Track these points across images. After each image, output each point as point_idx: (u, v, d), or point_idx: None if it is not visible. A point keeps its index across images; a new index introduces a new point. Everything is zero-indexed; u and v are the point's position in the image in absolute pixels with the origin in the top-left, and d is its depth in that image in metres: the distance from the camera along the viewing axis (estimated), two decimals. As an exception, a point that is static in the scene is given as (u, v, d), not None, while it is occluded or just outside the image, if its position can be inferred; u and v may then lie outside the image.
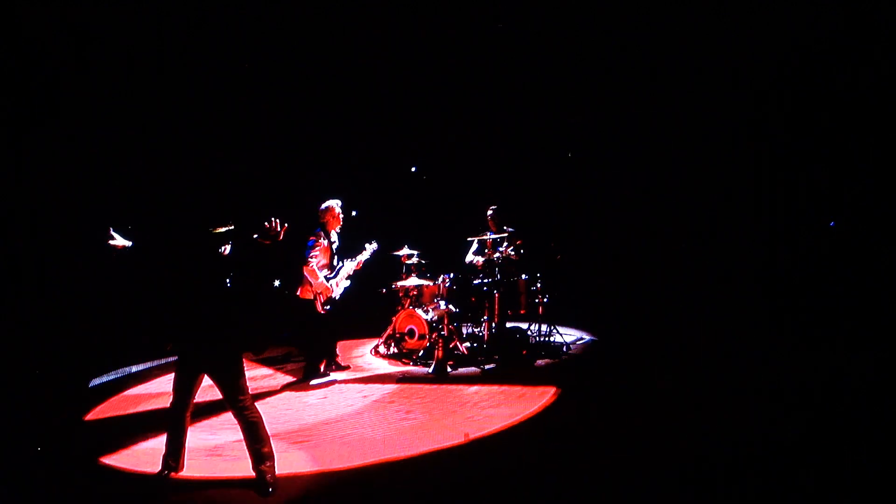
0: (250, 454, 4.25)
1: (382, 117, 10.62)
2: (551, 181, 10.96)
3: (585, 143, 10.93)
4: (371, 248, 7.57)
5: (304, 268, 7.10)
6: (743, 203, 10.19)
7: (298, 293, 7.28)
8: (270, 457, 4.26)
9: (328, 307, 7.13)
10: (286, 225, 4.31)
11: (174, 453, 4.40)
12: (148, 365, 8.53)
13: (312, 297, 7.11)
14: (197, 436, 5.29)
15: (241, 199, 9.17)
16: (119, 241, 4.41)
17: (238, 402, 4.22)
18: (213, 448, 5.12)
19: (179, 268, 4.30)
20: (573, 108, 10.44)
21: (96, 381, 7.88)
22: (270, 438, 4.32)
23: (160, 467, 4.43)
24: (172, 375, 4.41)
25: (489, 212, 8.22)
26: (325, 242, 7.16)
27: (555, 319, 8.18)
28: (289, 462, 4.67)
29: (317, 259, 7.07)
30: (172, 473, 4.39)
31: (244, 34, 8.66)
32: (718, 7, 8.42)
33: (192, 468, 4.53)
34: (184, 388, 4.33)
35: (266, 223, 4.26)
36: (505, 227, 8.03)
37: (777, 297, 9.45)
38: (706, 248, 10.22)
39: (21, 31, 7.70)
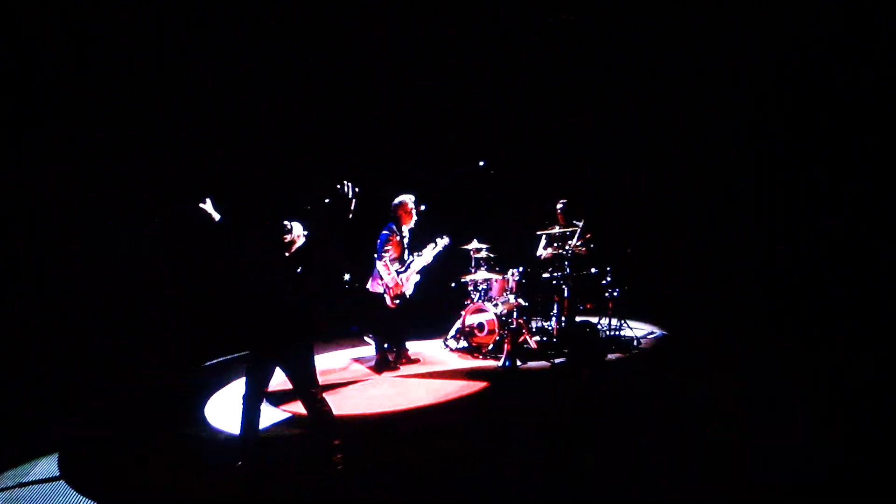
0: (321, 445, 4.24)
1: (451, 111, 10.55)
2: (621, 174, 10.87)
3: (651, 134, 10.84)
4: (441, 242, 7.58)
5: (378, 261, 7.15)
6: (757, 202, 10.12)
7: (369, 286, 7.32)
8: (341, 448, 4.24)
9: (398, 301, 7.17)
10: (357, 189, 4.24)
11: (249, 443, 4.34)
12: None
13: (382, 291, 7.15)
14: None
15: (311, 192, 9.19)
16: (209, 208, 4.38)
17: (309, 392, 4.21)
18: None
19: (257, 253, 4.29)
20: (580, 107, 10.41)
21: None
22: (340, 429, 4.31)
23: (237, 458, 4.34)
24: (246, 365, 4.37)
25: (559, 206, 8.19)
26: (397, 237, 7.21)
27: (625, 314, 8.15)
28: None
29: (388, 253, 7.13)
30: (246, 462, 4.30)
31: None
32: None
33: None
34: (257, 378, 4.30)
35: (338, 185, 4.20)
36: (574, 222, 7.99)
37: (780, 297, 9.43)
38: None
39: (21, 30, 7.68)
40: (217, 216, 4.40)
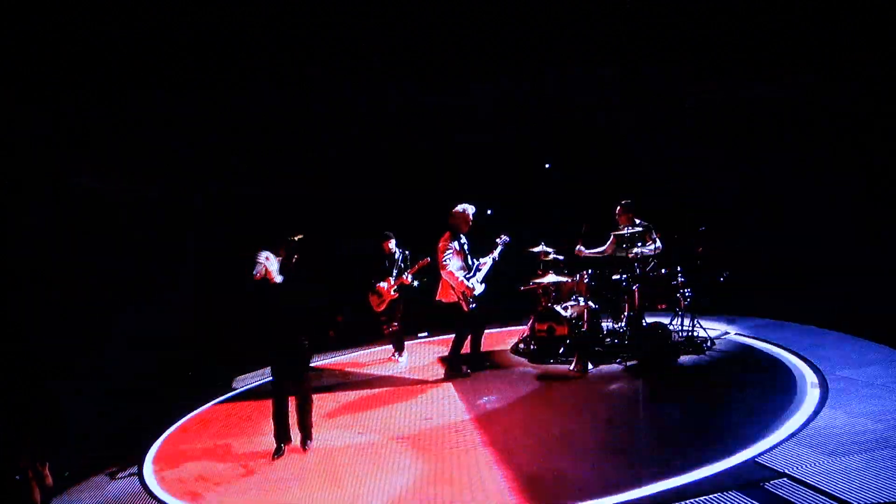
0: (299, 429, 5.76)
1: (515, 116, 10.55)
2: (687, 170, 10.53)
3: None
4: (502, 240, 7.65)
5: (442, 271, 7.31)
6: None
7: (439, 297, 7.46)
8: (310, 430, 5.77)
9: (473, 305, 7.31)
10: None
11: (284, 430, 5.78)
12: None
13: (456, 299, 7.29)
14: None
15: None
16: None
17: (302, 383, 5.77)
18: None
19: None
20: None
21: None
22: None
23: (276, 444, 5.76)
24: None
25: (619, 208, 7.99)
26: (456, 245, 7.35)
27: (697, 313, 7.90)
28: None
29: (451, 262, 7.30)
30: (286, 444, 5.77)
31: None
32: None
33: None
34: (280, 382, 5.80)
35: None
36: (638, 221, 7.82)
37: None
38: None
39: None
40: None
